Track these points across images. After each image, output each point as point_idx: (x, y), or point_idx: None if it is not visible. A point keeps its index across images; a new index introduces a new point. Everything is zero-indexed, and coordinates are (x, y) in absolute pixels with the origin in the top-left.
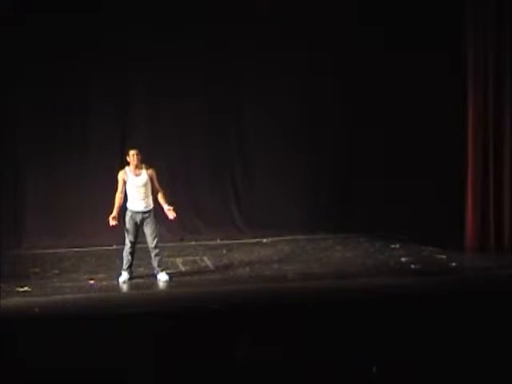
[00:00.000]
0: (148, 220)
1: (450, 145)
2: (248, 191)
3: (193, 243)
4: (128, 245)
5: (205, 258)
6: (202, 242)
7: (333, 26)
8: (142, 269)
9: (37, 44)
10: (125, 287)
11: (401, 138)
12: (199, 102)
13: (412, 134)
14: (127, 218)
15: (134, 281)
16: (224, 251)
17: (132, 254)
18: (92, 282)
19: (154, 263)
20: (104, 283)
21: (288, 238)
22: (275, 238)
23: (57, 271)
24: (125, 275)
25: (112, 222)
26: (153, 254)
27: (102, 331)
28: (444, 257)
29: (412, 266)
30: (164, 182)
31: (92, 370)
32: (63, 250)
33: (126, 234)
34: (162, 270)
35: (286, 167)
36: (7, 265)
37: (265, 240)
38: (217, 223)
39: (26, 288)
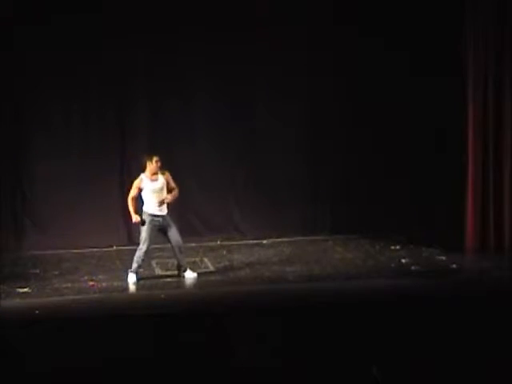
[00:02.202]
0: (169, 220)
1: (449, 145)
2: (248, 192)
3: (193, 244)
4: (143, 249)
5: (205, 259)
6: (203, 244)
7: (333, 28)
8: (141, 270)
9: (34, 45)
10: (132, 288)
11: (401, 138)
12: (199, 104)
13: (412, 134)
14: (147, 223)
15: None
16: (224, 252)
17: (145, 257)
18: (92, 283)
19: (183, 261)
20: (104, 284)
21: (288, 239)
22: (275, 240)
23: (57, 272)
24: (134, 277)
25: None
26: (181, 251)
27: (102, 332)
28: (444, 258)
29: (412, 268)
30: None
31: (92, 370)
32: (63, 251)
33: (144, 239)
34: (187, 268)
35: (285, 168)
36: (7, 266)
37: (265, 241)
38: (217, 224)
39: (26, 289)
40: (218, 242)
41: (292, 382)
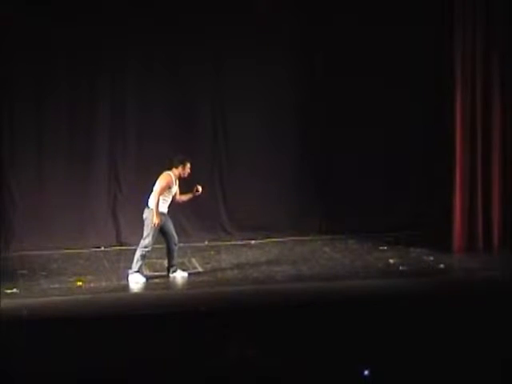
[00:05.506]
0: (168, 218)
1: (438, 146)
2: (236, 193)
3: (181, 245)
4: (149, 248)
5: (193, 260)
6: (190, 244)
7: (328, 24)
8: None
9: (24, 45)
10: (138, 288)
11: (389, 139)
12: (186, 105)
13: (400, 135)
14: (159, 221)
15: (123, 282)
16: (212, 253)
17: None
18: (80, 283)
19: (176, 260)
20: (92, 285)
21: (276, 239)
22: (263, 240)
23: (44, 273)
24: (140, 276)
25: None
26: (176, 250)
27: (90, 333)
28: (432, 258)
29: (400, 268)
30: (151, 183)
31: (79, 372)
32: (51, 252)
33: (152, 237)
34: (177, 268)
35: (273, 168)
36: None
37: (253, 242)
38: (205, 225)
39: (13, 290)
40: (206, 243)
41: (280, 382)
